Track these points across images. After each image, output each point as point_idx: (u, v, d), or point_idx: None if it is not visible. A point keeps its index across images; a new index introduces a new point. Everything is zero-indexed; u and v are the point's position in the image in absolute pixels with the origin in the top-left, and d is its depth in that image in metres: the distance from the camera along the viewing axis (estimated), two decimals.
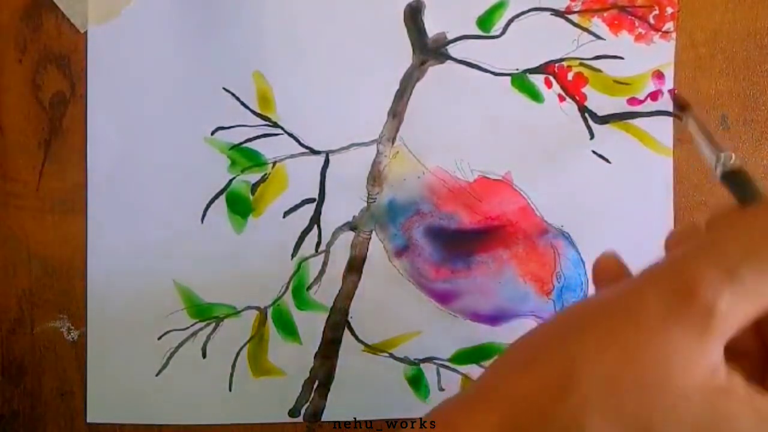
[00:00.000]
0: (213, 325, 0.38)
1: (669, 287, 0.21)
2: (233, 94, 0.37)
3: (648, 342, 0.21)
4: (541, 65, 0.38)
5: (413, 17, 0.37)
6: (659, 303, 0.21)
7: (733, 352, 0.25)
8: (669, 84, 0.38)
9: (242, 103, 0.37)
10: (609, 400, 0.20)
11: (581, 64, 0.38)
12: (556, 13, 0.37)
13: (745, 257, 0.21)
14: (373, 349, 0.38)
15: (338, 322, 0.38)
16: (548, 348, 0.22)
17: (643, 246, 0.26)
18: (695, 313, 0.20)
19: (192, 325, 0.37)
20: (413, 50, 0.37)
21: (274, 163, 0.37)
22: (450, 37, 0.37)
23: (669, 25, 0.38)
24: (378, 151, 0.38)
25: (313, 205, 0.38)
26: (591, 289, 0.38)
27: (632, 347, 0.21)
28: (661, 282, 0.22)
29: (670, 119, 0.38)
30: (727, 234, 0.22)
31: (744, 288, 0.21)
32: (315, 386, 0.38)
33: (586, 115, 0.38)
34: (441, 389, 0.38)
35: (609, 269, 0.26)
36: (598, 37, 0.38)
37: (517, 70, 0.37)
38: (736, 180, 0.28)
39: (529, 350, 0.23)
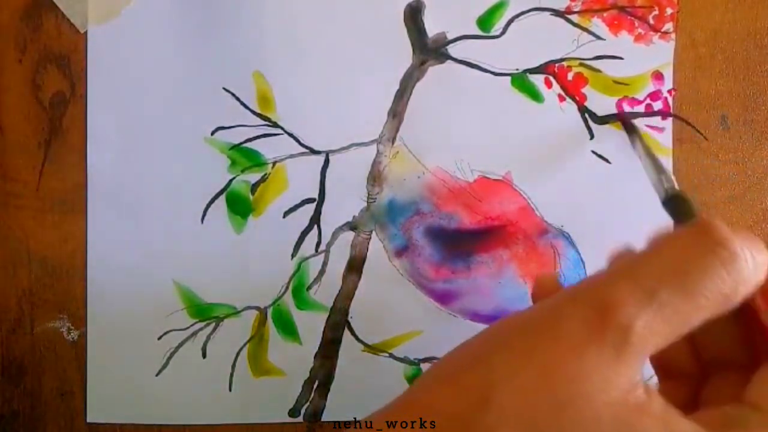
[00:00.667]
0: (213, 325, 0.38)
1: (588, 305, 0.21)
2: (233, 94, 0.37)
3: (565, 359, 0.21)
4: (541, 65, 0.38)
5: (413, 17, 0.37)
6: (578, 321, 0.21)
7: (670, 372, 0.25)
8: (669, 84, 0.38)
9: (242, 103, 0.37)
10: (524, 416, 0.20)
11: (581, 64, 0.38)
12: (556, 13, 0.37)
13: (664, 278, 0.21)
14: (373, 349, 0.38)
15: (338, 322, 0.38)
16: (471, 361, 0.22)
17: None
18: (612, 332, 0.20)
19: (192, 325, 0.37)
20: (413, 50, 0.37)
21: (274, 163, 0.37)
22: (450, 37, 0.37)
23: (668, 26, 0.38)
24: (378, 151, 0.38)
25: (313, 205, 0.38)
26: None
27: (549, 364, 0.21)
28: (581, 300, 0.22)
29: (670, 119, 0.38)
30: (649, 254, 0.22)
31: (662, 309, 0.21)
32: (315, 386, 0.38)
33: (586, 115, 0.38)
34: None
35: (545, 286, 0.26)
36: (598, 38, 0.38)
37: (517, 70, 0.38)
38: (676, 204, 0.28)
39: (453, 363, 0.23)
